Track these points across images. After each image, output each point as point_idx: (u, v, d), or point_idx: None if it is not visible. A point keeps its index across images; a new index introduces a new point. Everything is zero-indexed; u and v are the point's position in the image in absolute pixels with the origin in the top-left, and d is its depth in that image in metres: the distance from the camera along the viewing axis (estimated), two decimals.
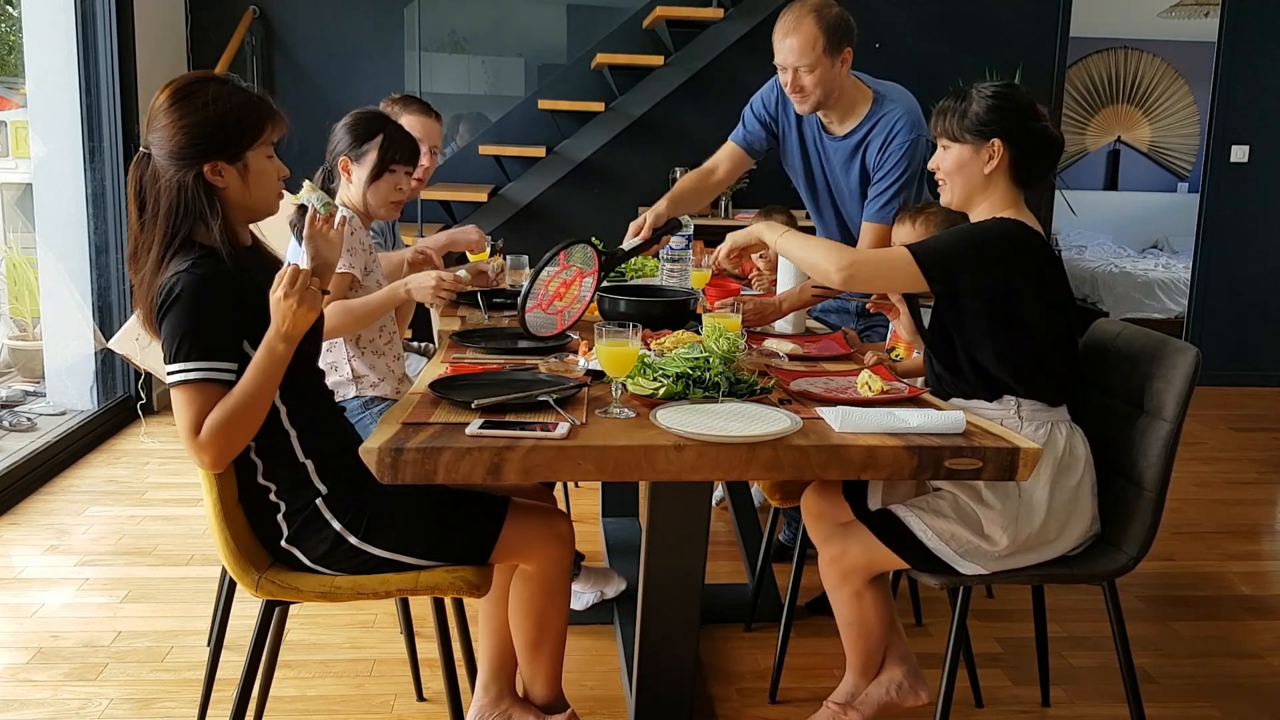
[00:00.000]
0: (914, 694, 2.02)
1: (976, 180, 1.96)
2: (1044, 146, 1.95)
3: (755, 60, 5.28)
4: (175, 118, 1.64)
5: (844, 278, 1.92)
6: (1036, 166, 1.96)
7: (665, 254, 2.66)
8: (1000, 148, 1.92)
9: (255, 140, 1.69)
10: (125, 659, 2.47)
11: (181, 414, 1.58)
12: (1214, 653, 2.65)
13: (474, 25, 5.39)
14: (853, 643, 2.02)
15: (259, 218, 1.76)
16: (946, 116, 1.98)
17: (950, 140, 1.97)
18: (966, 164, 1.95)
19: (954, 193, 2.00)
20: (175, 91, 1.66)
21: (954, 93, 2.00)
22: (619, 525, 3.25)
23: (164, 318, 1.61)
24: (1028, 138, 1.93)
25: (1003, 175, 1.94)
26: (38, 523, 3.31)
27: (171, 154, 1.64)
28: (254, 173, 1.70)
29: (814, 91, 2.57)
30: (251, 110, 1.68)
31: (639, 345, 1.75)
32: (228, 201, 1.69)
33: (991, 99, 1.93)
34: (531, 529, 1.82)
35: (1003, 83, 1.99)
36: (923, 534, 1.85)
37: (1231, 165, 5.48)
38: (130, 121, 4.29)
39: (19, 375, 4.65)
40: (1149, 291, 7.05)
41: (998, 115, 1.92)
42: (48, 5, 4.13)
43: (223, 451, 1.60)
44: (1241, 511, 3.74)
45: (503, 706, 2.00)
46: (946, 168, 1.99)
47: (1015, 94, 1.96)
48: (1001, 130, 1.92)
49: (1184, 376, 1.87)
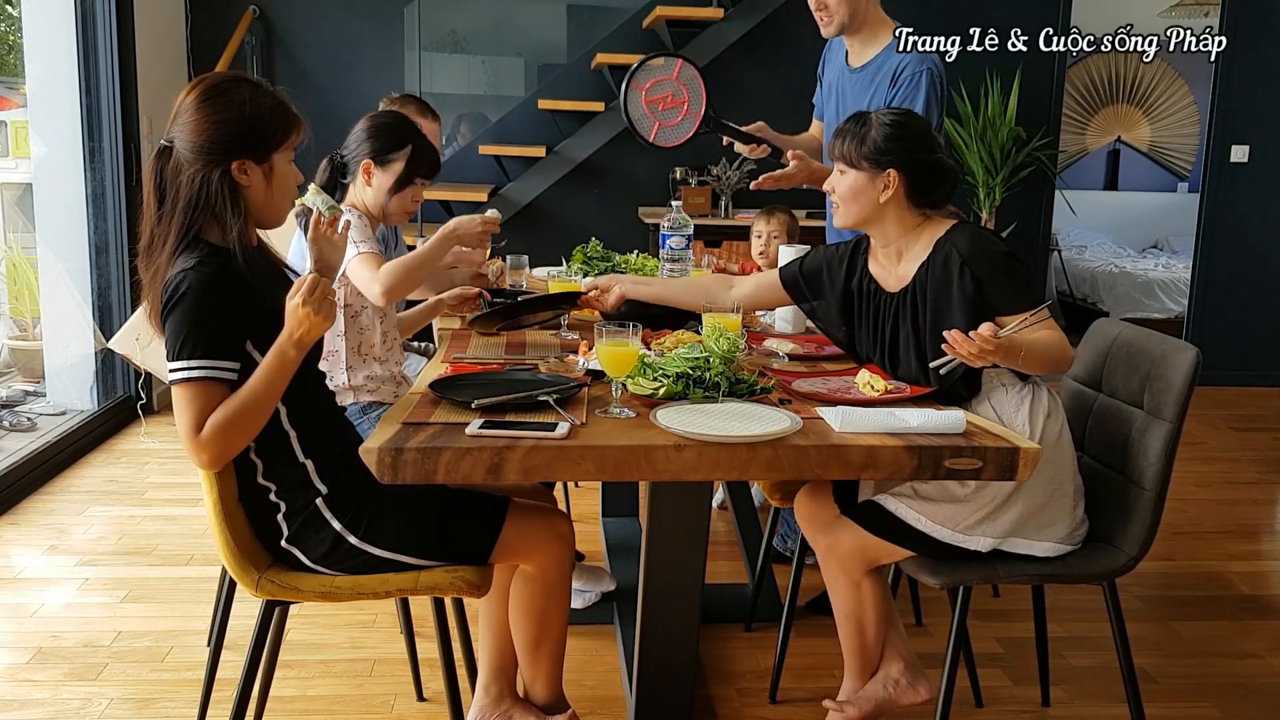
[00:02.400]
0: (913, 690, 2.02)
1: (871, 207, 1.99)
2: (938, 177, 1.99)
3: (755, 60, 5.29)
4: (206, 114, 1.65)
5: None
6: (932, 194, 1.99)
7: (665, 254, 2.67)
8: (895, 178, 1.95)
9: (282, 143, 1.71)
10: (125, 659, 2.47)
11: (182, 412, 1.58)
12: (1214, 653, 2.65)
13: (474, 25, 5.38)
14: (849, 638, 2.02)
15: (271, 222, 1.77)
16: (845, 141, 2.00)
17: (847, 165, 1.99)
18: (862, 191, 1.98)
19: (848, 217, 2.02)
20: (208, 89, 1.67)
21: (854, 117, 2.02)
22: (619, 525, 3.25)
23: (169, 314, 1.61)
24: (920, 168, 1.96)
25: (897, 202, 1.97)
26: (38, 523, 3.31)
27: (199, 149, 1.64)
28: (278, 176, 1.72)
29: (839, 10, 2.61)
30: (281, 114, 1.71)
31: (639, 345, 1.75)
32: (249, 201, 1.70)
33: (889, 128, 1.96)
34: (532, 529, 1.82)
35: (900, 111, 2.03)
36: (917, 522, 1.87)
37: (1231, 165, 5.48)
38: (130, 121, 4.29)
39: (19, 375, 4.65)
40: (1149, 291, 7.05)
41: (894, 145, 1.95)
42: (48, 5, 4.13)
43: (222, 452, 1.60)
44: (1241, 511, 3.74)
45: (503, 707, 2.00)
46: (841, 192, 2.01)
47: (913, 123, 2.00)
48: (898, 160, 1.95)
49: (1184, 376, 1.87)
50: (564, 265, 3.10)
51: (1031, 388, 1.94)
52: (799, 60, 5.30)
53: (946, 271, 1.91)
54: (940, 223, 1.99)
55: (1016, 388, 1.93)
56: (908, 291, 1.98)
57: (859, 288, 2.09)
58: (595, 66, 5.09)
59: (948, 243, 1.94)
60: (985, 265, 1.89)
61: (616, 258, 3.04)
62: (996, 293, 1.89)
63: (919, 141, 1.97)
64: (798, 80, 5.32)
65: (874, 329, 2.06)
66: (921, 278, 1.96)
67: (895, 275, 2.02)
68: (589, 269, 2.97)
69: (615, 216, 5.28)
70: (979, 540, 1.87)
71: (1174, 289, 7.00)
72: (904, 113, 2.03)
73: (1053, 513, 1.91)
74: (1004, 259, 1.91)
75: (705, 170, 5.12)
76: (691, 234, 2.66)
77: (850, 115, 2.05)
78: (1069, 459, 1.94)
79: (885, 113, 2.00)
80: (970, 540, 1.87)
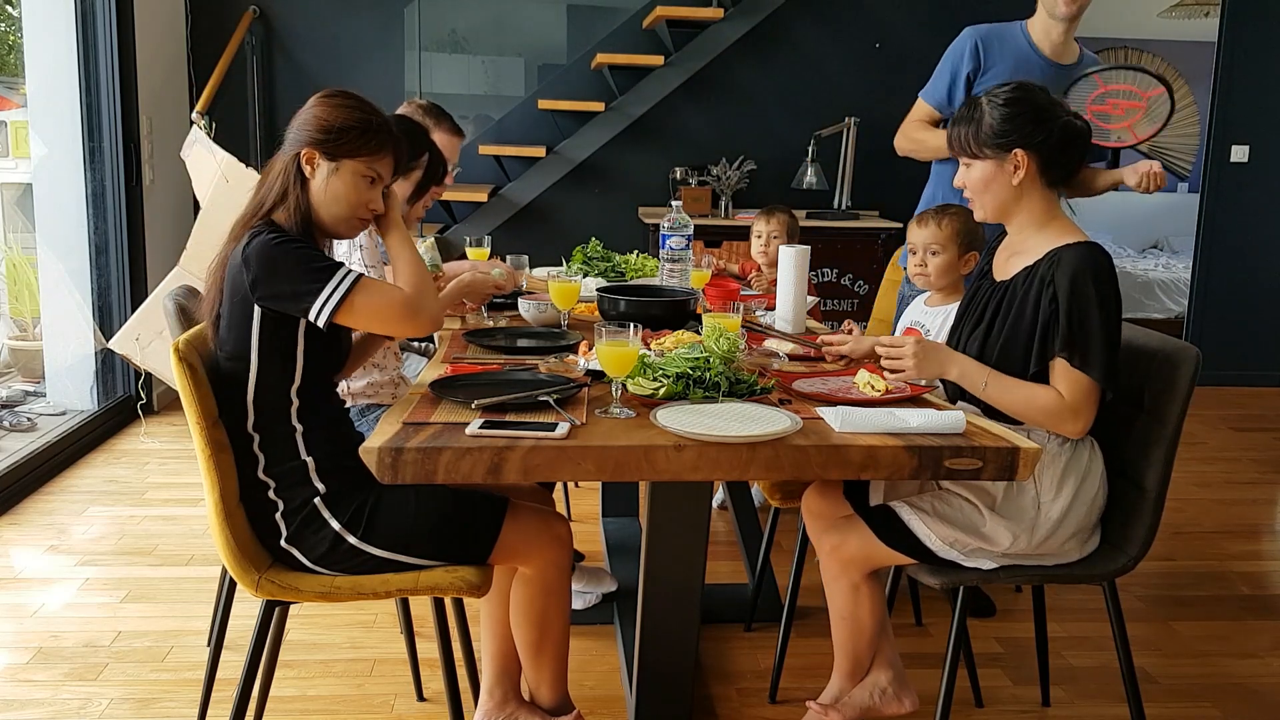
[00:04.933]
0: (898, 701, 2.01)
1: (1007, 193, 1.89)
2: (1068, 142, 1.87)
3: (755, 60, 5.29)
4: (306, 110, 1.80)
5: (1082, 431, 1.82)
6: (1066, 163, 1.89)
7: (665, 254, 2.66)
8: (1024, 157, 1.86)
9: (358, 155, 1.77)
10: (125, 659, 2.47)
11: (382, 297, 1.71)
12: (1214, 653, 2.65)
13: (474, 25, 5.38)
14: (843, 640, 2.02)
15: (330, 232, 1.83)
16: (962, 131, 1.90)
17: (971, 157, 1.91)
18: (993, 179, 1.89)
19: (986, 209, 1.93)
20: (327, 93, 1.83)
21: (967, 103, 1.94)
22: (619, 525, 3.25)
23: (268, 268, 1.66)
24: (1049, 139, 1.86)
25: (1033, 182, 1.88)
26: (38, 523, 3.31)
27: (289, 137, 1.79)
28: (340, 183, 1.78)
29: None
30: (371, 132, 1.78)
31: (639, 345, 1.75)
32: (309, 196, 1.77)
33: (1004, 107, 1.86)
34: (530, 531, 1.82)
35: (1013, 84, 1.92)
36: (926, 539, 1.84)
37: (1231, 165, 5.48)
38: (130, 121, 4.29)
39: (19, 375, 4.65)
40: (1149, 291, 7.05)
41: (1014, 124, 1.85)
42: (48, 5, 4.13)
43: (435, 312, 1.79)
44: (1241, 511, 3.74)
45: (508, 710, 2.00)
46: (973, 185, 1.92)
47: (1028, 95, 1.88)
48: (1021, 138, 1.85)
49: (1184, 377, 1.87)
50: (564, 265, 3.10)
51: (1073, 445, 1.86)
52: (799, 60, 5.32)
53: (1041, 282, 1.82)
54: (1072, 231, 1.88)
55: (1058, 440, 1.85)
56: (1007, 287, 1.90)
57: (979, 269, 2.02)
58: (595, 66, 5.09)
59: (1060, 254, 1.82)
60: (1066, 294, 1.78)
61: (616, 258, 3.04)
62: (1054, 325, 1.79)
63: (1040, 112, 1.85)
64: (798, 80, 5.34)
65: (970, 315, 1.98)
66: (1021, 279, 1.87)
67: (1007, 266, 1.93)
68: (589, 269, 2.97)
69: (615, 216, 5.28)
70: (984, 562, 1.87)
71: (1174, 289, 7.00)
72: (1016, 84, 1.90)
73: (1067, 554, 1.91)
74: (1084, 300, 1.77)
75: (705, 170, 5.12)
76: (691, 234, 2.65)
77: (964, 102, 1.95)
78: (1093, 515, 1.90)
79: (997, 91, 1.89)
80: (973, 560, 1.87)
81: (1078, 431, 1.82)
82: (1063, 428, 1.81)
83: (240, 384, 1.72)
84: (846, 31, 5.30)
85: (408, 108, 2.99)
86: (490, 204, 5.00)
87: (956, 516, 1.84)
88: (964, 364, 1.87)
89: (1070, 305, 1.78)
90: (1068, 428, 1.81)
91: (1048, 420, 1.81)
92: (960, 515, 1.84)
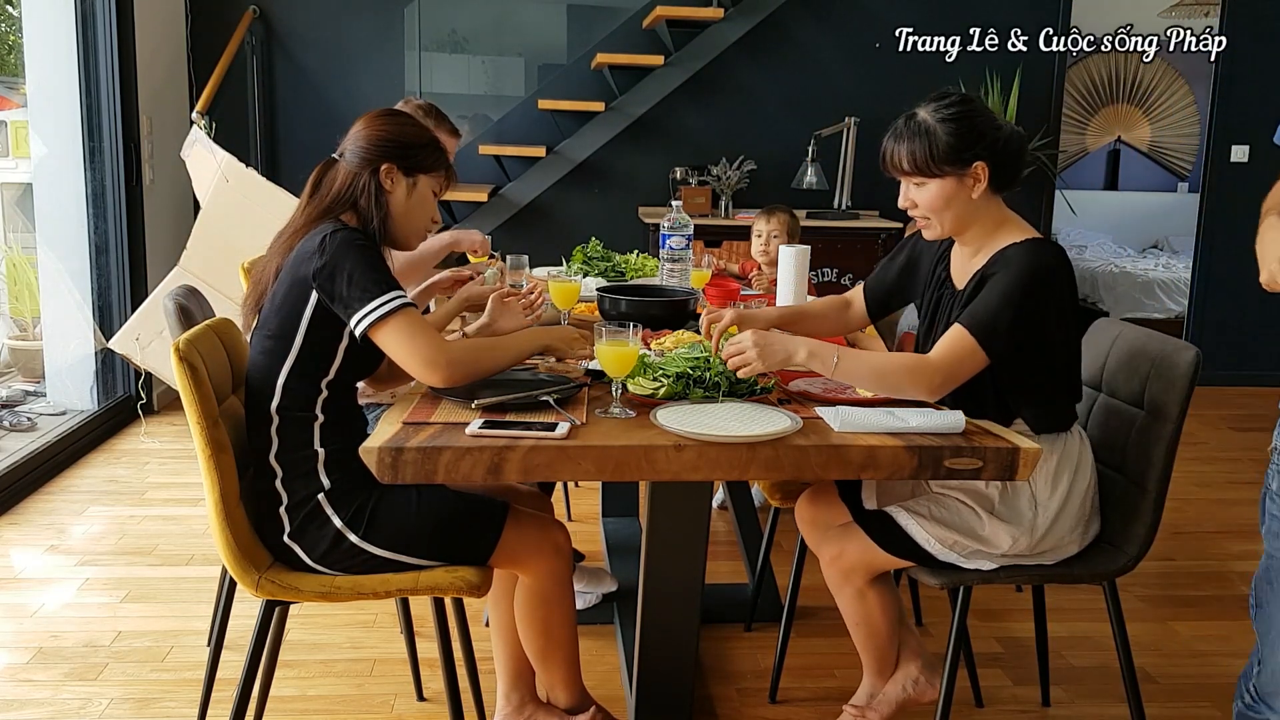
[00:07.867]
0: (932, 688, 2.00)
1: (967, 208, 1.82)
2: (1017, 148, 1.84)
3: (755, 60, 5.29)
4: (375, 127, 1.84)
5: (939, 395, 1.76)
6: (1014, 168, 1.85)
7: (665, 254, 2.66)
8: (983, 169, 1.80)
9: (430, 170, 1.87)
10: (125, 659, 2.47)
11: (416, 337, 1.69)
12: (1214, 653, 2.65)
13: (474, 25, 5.38)
14: (863, 643, 2.02)
15: (401, 244, 1.89)
16: (911, 152, 1.80)
17: (926, 177, 1.81)
18: (953, 195, 1.81)
19: (944, 226, 1.85)
20: (380, 111, 1.90)
21: (903, 120, 1.84)
22: (619, 525, 3.24)
23: (338, 263, 1.68)
24: (1001, 146, 1.81)
25: (985, 193, 1.83)
26: (38, 523, 3.31)
27: (359, 152, 1.82)
28: (419, 196, 1.86)
29: None
30: (436, 149, 1.88)
31: (639, 345, 1.75)
32: (389, 207, 1.82)
33: (957, 121, 1.78)
34: (529, 538, 1.82)
35: (954, 98, 1.83)
36: (925, 542, 1.84)
37: (1231, 165, 5.47)
38: (130, 121, 4.29)
39: (19, 375, 4.64)
40: (1149, 291, 7.05)
41: (972, 137, 1.79)
42: (48, 5, 4.13)
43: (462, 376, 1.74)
44: (1241, 511, 3.74)
45: (526, 713, 2.01)
46: (928, 203, 1.83)
47: (974, 106, 1.83)
48: (981, 148, 1.79)
49: (1184, 376, 1.87)
50: (564, 265, 3.10)
51: (1064, 439, 1.85)
52: (799, 60, 5.31)
53: (985, 280, 1.79)
54: (1022, 228, 1.85)
55: (1048, 438, 1.83)
56: (963, 293, 1.87)
57: (937, 277, 1.97)
58: (595, 66, 5.09)
59: (1006, 252, 1.80)
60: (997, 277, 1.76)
61: (616, 258, 3.03)
62: None
63: (988, 119, 1.80)
64: (798, 80, 5.33)
65: (933, 325, 1.95)
66: (974, 284, 1.83)
67: (965, 271, 1.89)
68: (589, 269, 2.97)
69: (615, 216, 5.28)
70: (983, 563, 1.87)
71: (1174, 289, 6.99)
72: (959, 98, 1.82)
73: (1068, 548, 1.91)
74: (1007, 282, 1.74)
75: (705, 170, 5.12)
76: (691, 234, 2.65)
77: (899, 120, 1.86)
78: (1088, 505, 1.90)
79: (938, 107, 1.81)
80: (973, 561, 1.87)
81: (934, 388, 1.73)
82: (919, 382, 1.73)
83: (275, 363, 1.74)
84: (846, 31, 5.29)
85: (405, 108, 2.99)
86: (490, 204, 5.00)
87: (954, 519, 1.84)
88: (810, 344, 1.79)
89: (994, 284, 1.76)
90: (923, 382, 1.73)
91: (906, 377, 1.74)
92: (957, 518, 1.84)
